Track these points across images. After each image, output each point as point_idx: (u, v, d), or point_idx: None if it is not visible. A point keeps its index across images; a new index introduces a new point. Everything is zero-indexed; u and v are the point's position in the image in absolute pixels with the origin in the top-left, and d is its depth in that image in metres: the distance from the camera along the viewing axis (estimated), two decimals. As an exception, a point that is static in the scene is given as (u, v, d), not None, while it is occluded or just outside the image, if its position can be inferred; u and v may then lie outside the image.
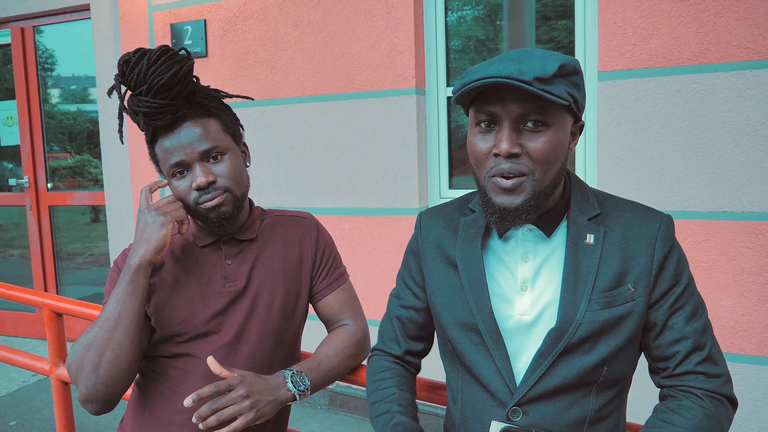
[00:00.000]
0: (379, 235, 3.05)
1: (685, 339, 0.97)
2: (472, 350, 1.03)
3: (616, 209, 1.02)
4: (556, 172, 0.95)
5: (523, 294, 1.01)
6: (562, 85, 0.90)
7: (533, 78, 0.86)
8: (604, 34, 2.50)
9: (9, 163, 4.59)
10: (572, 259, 0.98)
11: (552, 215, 1.01)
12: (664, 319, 0.98)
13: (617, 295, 0.96)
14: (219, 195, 1.21)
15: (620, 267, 0.97)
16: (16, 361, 2.08)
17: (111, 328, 1.14)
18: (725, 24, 2.30)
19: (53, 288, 4.37)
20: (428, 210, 1.19)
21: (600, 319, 0.95)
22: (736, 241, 2.36)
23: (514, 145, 0.91)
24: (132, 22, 3.57)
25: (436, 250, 1.12)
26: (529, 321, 0.99)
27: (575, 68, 0.92)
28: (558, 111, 0.92)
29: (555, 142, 0.92)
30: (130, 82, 1.17)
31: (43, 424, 3.14)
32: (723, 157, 2.36)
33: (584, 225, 1.00)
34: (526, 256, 1.02)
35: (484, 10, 3.02)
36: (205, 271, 1.28)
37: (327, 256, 1.41)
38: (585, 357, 0.95)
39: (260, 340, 1.28)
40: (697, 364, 0.96)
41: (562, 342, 0.95)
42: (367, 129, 3.02)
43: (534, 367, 0.97)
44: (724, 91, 2.33)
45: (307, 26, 3.10)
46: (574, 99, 0.92)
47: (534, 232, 1.02)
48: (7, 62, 4.43)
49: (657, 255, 0.97)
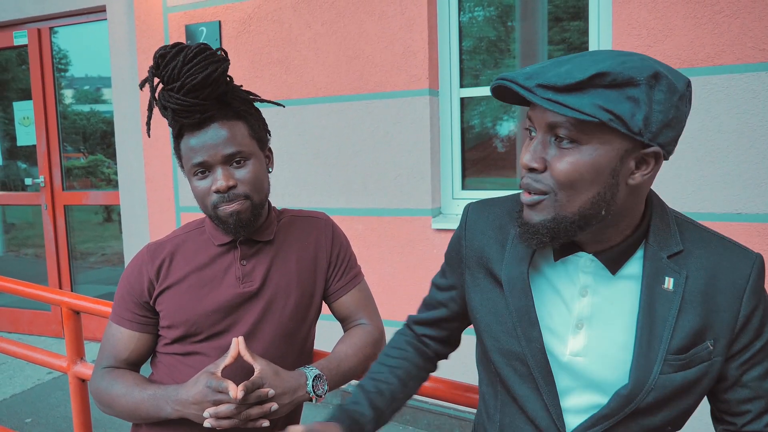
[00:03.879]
0: (391, 235, 3.06)
1: (759, 399, 0.87)
2: (517, 380, 0.93)
3: (702, 246, 0.87)
4: (589, 202, 0.80)
5: (578, 333, 0.88)
6: (595, 97, 0.74)
7: (535, 85, 0.76)
8: (618, 35, 2.49)
9: (23, 163, 4.64)
10: (647, 308, 0.84)
11: (621, 248, 0.86)
12: (737, 375, 0.87)
13: (694, 356, 0.84)
14: (238, 201, 1.20)
15: (701, 322, 0.84)
16: (34, 358, 2.10)
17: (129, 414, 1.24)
18: (741, 25, 2.29)
19: (68, 287, 4.41)
20: (477, 204, 1.04)
21: (673, 384, 0.83)
22: (751, 242, 2.35)
23: (534, 158, 0.81)
24: (147, 23, 3.61)
25: (481, 261, 0.99)
26: (583, 364, 0.88)
27: (630, 78, 0.74)
28: (594, 129, 0.76)
29: (585, 165, 0.77)
30: (163, 77, 1.16)
31: (58, 421, 3.18)
32: (738, 158, 2.35)
33: (664, 265, 0.85)
34: (585, 290, 0.88)
35: (496, 11, 3.02)
36: (219, 270, 1.28)
37: (343, 256, 1.41)
38: (651, 419, 0.86)
39: (272, 341, 1.29)
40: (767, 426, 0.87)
41: (630, 407, 0.84)
42: (380, 130, 3.03)
43: (591, 425, 0.87)
44: (739, 92, 2.32)
45: (321, 27, 3.12)
46: (617, 117, 0.74)
47: (596, 264, 0.88)
48: (21, 63, 4.48)
49: (744, 310, 0.84)
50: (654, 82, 0.75)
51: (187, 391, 1.14)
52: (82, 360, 1.97)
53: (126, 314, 1.29)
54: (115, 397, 1.23)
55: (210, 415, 1.10)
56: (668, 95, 0.76)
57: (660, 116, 0.76)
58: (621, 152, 0.78)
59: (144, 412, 1.20)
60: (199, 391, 1.12)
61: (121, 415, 1.25)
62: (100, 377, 1.27)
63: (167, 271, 1.28)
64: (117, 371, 1.28)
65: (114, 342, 1.29)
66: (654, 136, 0.76)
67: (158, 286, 1.27)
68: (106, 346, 1.31)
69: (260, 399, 1.12)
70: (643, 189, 0.83)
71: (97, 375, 1.29)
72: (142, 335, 1.29)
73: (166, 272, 1.27)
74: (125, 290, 1.29)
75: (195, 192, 1.23)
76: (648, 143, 0.77)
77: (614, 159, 0.78)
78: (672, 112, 0.77)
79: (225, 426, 1.10)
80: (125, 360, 1.29)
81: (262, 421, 1.13)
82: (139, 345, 1.30)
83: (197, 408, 1.12)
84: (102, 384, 1.26)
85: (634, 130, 0.75)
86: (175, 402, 1.15)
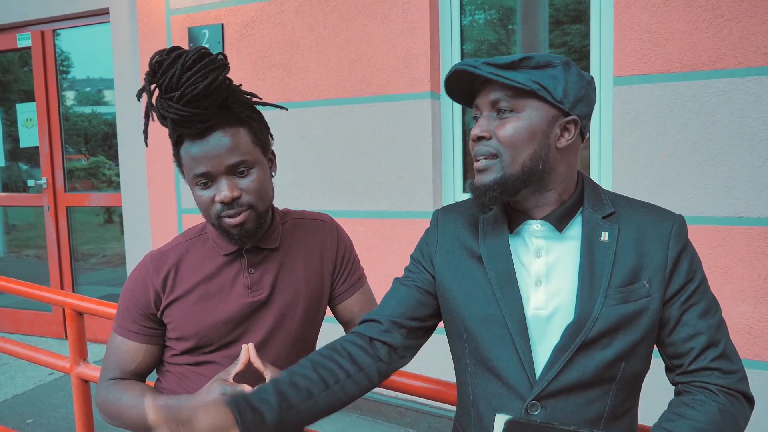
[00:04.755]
0: (393, 237, 3.07)
1: (700, 335, 0.98)
2: (493, 343, 1.03)
3: (630, 208, 1.05)
4: (529, 158, 0.99)
5: (538, 289, 1.02)
6: (526, 74, 0.97)
7: (482, 63, 0.98)
8: (620, 38, 2.50)
9: (25, 164, 4.66)
10: (587, 256, 1.00)
11: (562, 211, 1.03)
12: (678, 315, 1.00)
13: (632, 291, 0.98)
14: (242, 212, 1.17)
15: (635, 263, 1.00)
16: (38, 359, 2.11)
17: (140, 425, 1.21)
18: (742, 29, 2.30)
19: (69, 288, 4.42)
20: (444, 207, 1.21)
21: (616, 314, 0.97)
22: (752, 246, 2.36)
23: (483, 129, 1.00)
24: (150, 25, 3.62)
25: (456, 242, 1.13)
26: (545, 316, 1.01)
27: (549, 61, 0.98)
28: (528, 100, 0.98)
29: (523, 129, 0.98)
30: (161, 85, 1.12)
31: (60, 422, 3.18)
32: (739, 162, 2.35)
33: (598, 222, 1.03)
34: (539, 252, 1.04)
35: (498, 15, 3.03)
36: (227, 280, 1.26)
37: (347, 259, 1.41)
38: (602, 352, 0.97)
39: (284, 347, 1.29)
40: (712, 360, 0.97)
41: (579, 336, 0.97)
42: (382, 132, 3.04)
43: (552, 362, 0.98)
44: (740, 96, 2.33)
45: (324, 30, 3.13)
46: (543, 87, 0.97)
47: (546, 226, 1.04)
48: (24, 65, 4.50)
49: (671, 252, 1.00)
50: (567, 67, 0.99)
51: (201, 400, 1.12)
52: (85, 361, 1.98)
53: (132, 326, 1.26)
54: (124, 408, 1.22)
55: None
56: (578, 78, 1.00)
57: (574, 91, 0.99)
58: (549, 118, 0.99)
59: (143, 414, 1.19)
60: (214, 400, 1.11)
61: (132, 428, 1.23)
62: (107, 389, 1.26)
63: (173, 282, 1.25)
64: (124, 382, 1.26)
65: (120, 354, 1.27)
66: (572, 106, 0.99)
67: (165, 298, 1.24)
68: (111, 358, 1.29)
69: None
70: (570, 155, 1.04)
71: (103, 387, 1.27)
72: (149, 347, 1.28)
73: (173, 284, 1.25)
74: (131, 302, 1.26)
75: (198, 201, 1.20)
76: (568, 112, 0.99)
77: (544, 122, 0.99)
78: (583, 91, 1.00)
79: None
80: (132, 372, 1.28)
81: None
82: (146, 356, 1.28)
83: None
84: (109, 396, 1.24)
85: (557, 98, 0.98)
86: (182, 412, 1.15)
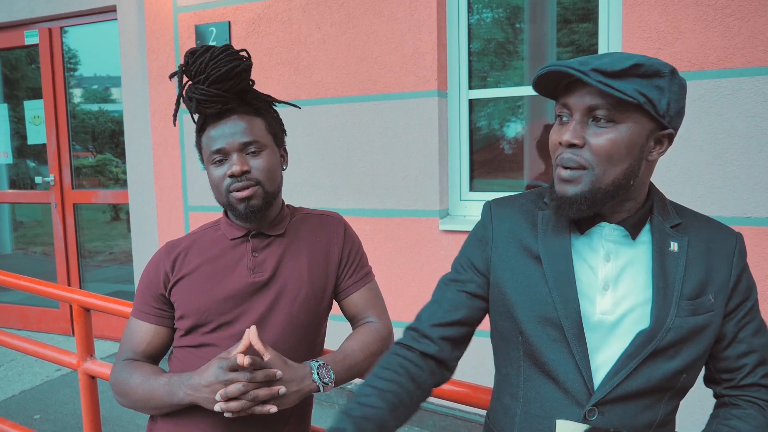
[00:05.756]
0: (399, 236, 3.07)
1: (753, 353, 1.00)
2: (549, 346, 1.00)
3: (695, 221, 1.05)
4: (622, 173, 0.94)
5: (605, 293, 1.00)
6: (633, 83, 0.89)
7: (590, 69, 0.89)
8: (628, 37, 2.49)
9: (33, 161, 4.68)
10: (660, 264, 0.98)
11: (636, 219, 1.01)
12: (734, 331, 1.01)
13: (700, 304, 0.98)
14: (250, 186, 1.26)
15: (703, 277, 0.99)
16: (45, 355, 2.12)
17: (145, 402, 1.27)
18: (751, 28, 2.29)
19: (76, 285, 4.44)
20: (498, 200, 1.15)
21: (687, 325, 0.96)
22: (760, 246, 2.34)
23: (575, 136, 0.93)
24: (157, 23, 3.63)
25: (512, 240, 1.07)
26: (611, 321, 0.98)
27: (658, 70, 0.90)
28: (630, 110, 0.91)
29: (621, 141, 0.92)
30: (191, 71, 1.26)
31: (67, 417, 3.20)
32: (747, 161, 2.34)
33: (668, 232, 1.01)
34: (608, 256, 1.01)
35: (505, 13, 3.02)
36: (231, 262, 1.32)
37: (354, 255, 1.43)
38: (669, 362, 0.96)
39: (282, 332, 1.31)
40: (763, 377, 1.00)
41: (651, 345, 0.95)
42: (388, 131, 3.04)
43: (619, 368, 0.96)
44: (749, 95, 2.32)
45: (330, 28, 3.13)
46: (649, 100, 0.90)
47: (618, 231, 1.01)
48: (32, 62, 4.52)
49: (735, 269, 1.01)
50: (673, 76, 0.92)
51: (200, 376, 1.18)
52: (92, 357, 1.99)
53: (144, 308, 1.34)
54: (132, 386, 1.27)
55: (220, 398, 1.12)
56: (681, 88, 0.94)
57: (676, 104, 0.93)
58: (648, 131, 0.94)
59: (158, 398, 1.24)
60: (211, 373, 1.15)
61: (137, 405, 1.29)
62: (120, 369, 1.32)
63: (182, 263, 1.33)
64: (136, 363, 1.32)
65: (133, 335, 1.35)
66: (671, 120, 0.94)
67: (173, 277, 1.32)
68: (126, 340, 1.36)
69: (268, 378, 1.14)
70: (653, 166, 1.00)
71: (117, 367, 1.34)
72: (159, 328, 1.34)
73: (181, 264, 1.33)
74: (144, 285, 1.35)
75: (212, 180, 1.30)
76: (666, 125, 0.94)
77: (643, 136, 0.93)
78: (683, 102, 0.95)
79: (234, 408, 1.12)
80: (143, 352, 1.34)
81: (270, 406, 1.14)
82: (156, 338, 1.34)
83: (208, 391, 1.15)
84: (121, 375, 1.31)
85: (660, 112, 0.91)
86: (188, 387, 1.18)
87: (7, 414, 3.21)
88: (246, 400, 1.12)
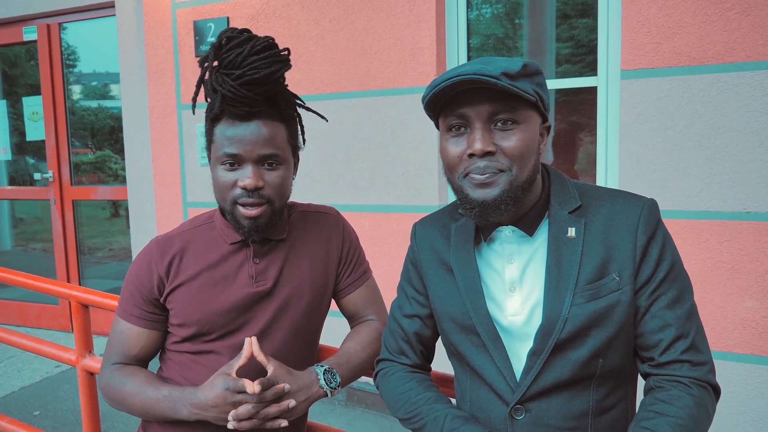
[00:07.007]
0: (398, 231, 3.06)
1: (669, 327, 0.96)
2: (474, 351, 1.04)
3: (597, 199, 1.02)
4: (531, 169, 0.97)
5: (513, 295, 1.02)
6: (528, 83, 0.94)
7: (500, 73, 0.90)
8: (628, 32, 2.48)
9: (32, 158, 4.67)
10: (554, 255, 0.99)
11: (532, 214, 1.02)
12: (646, 305, 0.97)
13: (602, 287, 0.96)
14: (261, 205, 1.18)
15: (603, 257, 0.97)
16: (44, 351, 2.11)
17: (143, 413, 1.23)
18: (751, 22, 2.28)
19: (76, 281, 4.44)
20: (421, 220, 1.21)
21: (586, 312, 0.95)
22: (759, 241, 2.34)
23: (488, 143, 0.94)
24: (156, 19, 3.62)
25: (433, 256, 1.13)
26: (522, 321, 1.01)
27: (537, 69, 0.97)
28: (526, 109, 0.96)
29: (527, 139, 0.95)
30: (224, 58, 1.13)
31: (66, 414, 3.20)
32: (747, 156, 2.34)
33: (565, 219, 1.00)
34: (511, 257, 1.03)
35: (504, 9, 3.01)
36: (231, 269, 1.26)
37: (352, 253, 1.41)
38: (577, 351, 0.96)
39: (285, 340, 1.29)
40: (682, 353, 0.95)
41: (551, 339, 0.96)
42: (387, 126, 3.03)
43: (529, 367, 0.98)
44: (749, 90, 2.31)
45: (329, 24, 3.12)
46: (540, 97, 0.96)
47: (516, 232, 1.03)
48: (30, 58, 4.51)
49: (639, 241, 0.97)
50: (542, 72, 0.98)
51: (205, 395, 1.13)
52: (91, 353, 1.98)
53: (135, 311, 1.27)
54: (127, 395, 1.23)
55: (232, 419, 1.10)
56: (545, 80, 1.00)
57: (547, 98, 1.00)
58: (538, 126, 1.00)
59: (159, 412, 1.20)
60: (218, 395, 1.11)
61: (134, 413, 1.24)
62: (110, 374, 1.27)
63: (178, 268, 1.25)
64: (127, 368, 1.27)
65: (123, 339, 1.28)
66: (547, 113, 1.01)
67: (168, 284, 1.25)
68: (114, 342, 1.29)
69: (277, 395, 1.12)
70: (541, 158, 1.04)
71: (106, 371, 1.28)
72: (152, 332, 1.28)
73: (177, 269, 1.25)
74: (134, 286, 1.27)
75: (217, 182, 1.20)
76: (546, 119, 1.02)
77: (538, 131, 0.99)
78: (548, 93, 1.01)
79: (246, 427, 1.10)
80: (134, 357, 1.29)
81: (281, 421, 1.13)
82: (149, 342, 1.28)
83: (217, 411, 1.12)
84: (113, 381, 1.25)
85: (546, 107, 1.00)
86: (193, 406, 1.14)
87: (6, 410, 3.21)
88: (257, 419, 1.11)
